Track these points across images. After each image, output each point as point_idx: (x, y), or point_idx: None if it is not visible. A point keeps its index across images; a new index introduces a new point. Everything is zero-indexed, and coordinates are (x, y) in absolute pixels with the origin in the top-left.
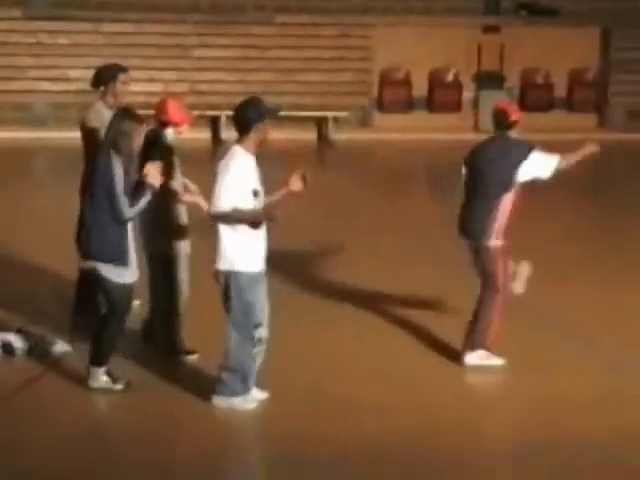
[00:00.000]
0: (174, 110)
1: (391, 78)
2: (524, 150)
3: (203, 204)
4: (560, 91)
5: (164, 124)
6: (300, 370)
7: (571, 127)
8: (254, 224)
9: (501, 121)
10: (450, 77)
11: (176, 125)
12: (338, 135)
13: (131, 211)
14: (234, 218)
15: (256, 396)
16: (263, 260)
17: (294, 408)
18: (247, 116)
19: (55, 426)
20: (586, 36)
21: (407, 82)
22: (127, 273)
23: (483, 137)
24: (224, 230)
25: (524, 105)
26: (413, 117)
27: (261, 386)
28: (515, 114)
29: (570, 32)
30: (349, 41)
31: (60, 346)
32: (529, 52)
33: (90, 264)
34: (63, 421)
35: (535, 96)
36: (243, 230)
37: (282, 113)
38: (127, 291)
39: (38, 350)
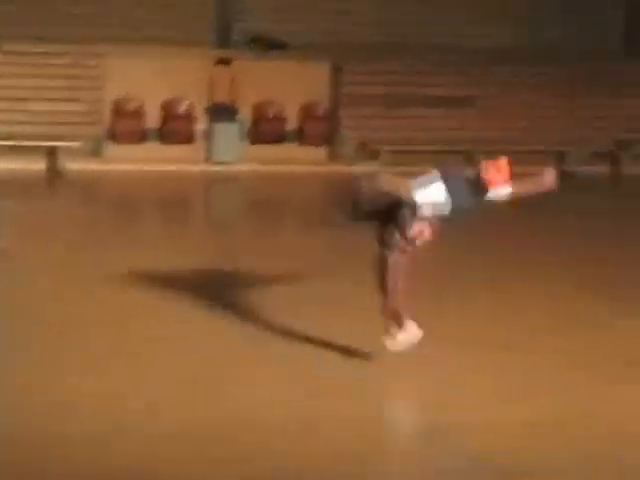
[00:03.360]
0: None
1: (124, 109)
2: None
3: None
4: (292, 124)
5: None
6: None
7: (302, 159)
8: None
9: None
10: (183, 109)
11: None
12: (69, 165)
13: None
14: None
15: None
16: None
17: None
18: None
19: None
20: (317, 70)
21: (140, 113)
22: None
23: (216, 169)
24: None
25: (256, 138)
26: (145, 148)
27: None
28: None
29: (301, 66)
30: (81, 70)
31: None
32: (261, 85)
33: None
34: None
35: (267, 129)
36: None
37: (11, 142)
38: None
39: None
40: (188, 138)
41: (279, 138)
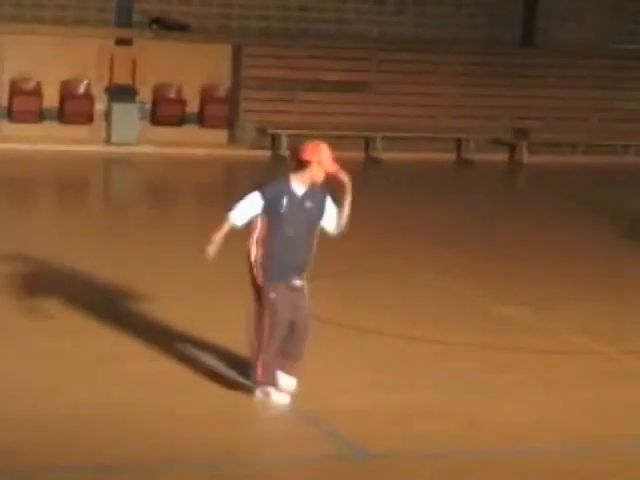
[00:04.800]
0: None
1: (21, 88)
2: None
3: None
4: (192, 106)
5: None
6: None
7: (202, 142)
8: None
9: (293, 157)
10: (82, 89)
11: None
12: None
13: None
14: None
15: None
16: None
17: None
18: None
19: None
20: (217, 53)
21: (38, 92)
22: None
23: (113, 150)
24: None
25: (156, 120)
26: (43, 128)
27: None
28: (307, 154)
29: (202, 48)
30: None
31: None
32: (161, 66)
33: None
34: None
35: (167, 111)
36: None
37: None
38: None
39: None
40: (87, 119)
41: (179, 120)
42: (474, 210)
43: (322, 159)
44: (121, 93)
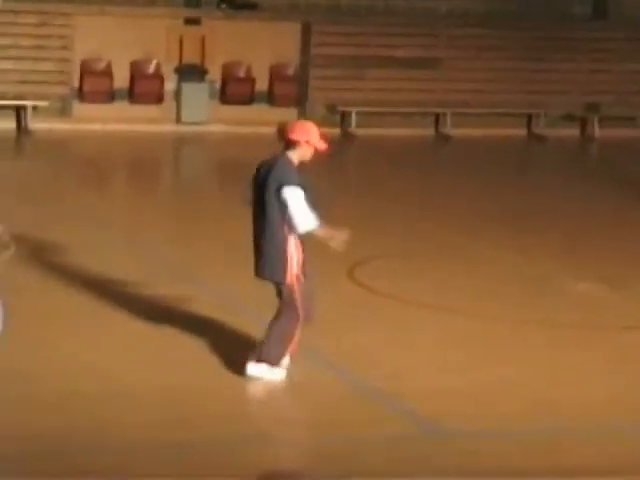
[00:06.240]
0: None
1: (92, 68)
2: (278, 180)
3: None
4: (261, 85)
5: None
6: None
7: (272, 121)
8: None
9: (280, 137)
10: (151, 69)
11: None
12: (37, 124)
13: None
14: None
15: None
16: None
17: None
18: None
19: None
20: (287, 31)
21: (108, 72)
22: None
23: (183, 129)
24: None
25: (225, 99)
26: (114, 108)
27: None
28: (295, 133)
29: (271, 27)
30: (49, 30)
31: None
32: (230, 46)
33: None
34: None
35: (236, 90)
36: None
37: None
38: None
39: None
40: (157, 98)
41: (248, 99)
42: (545, 188)
43: (311, 138)
44: (190, 72)
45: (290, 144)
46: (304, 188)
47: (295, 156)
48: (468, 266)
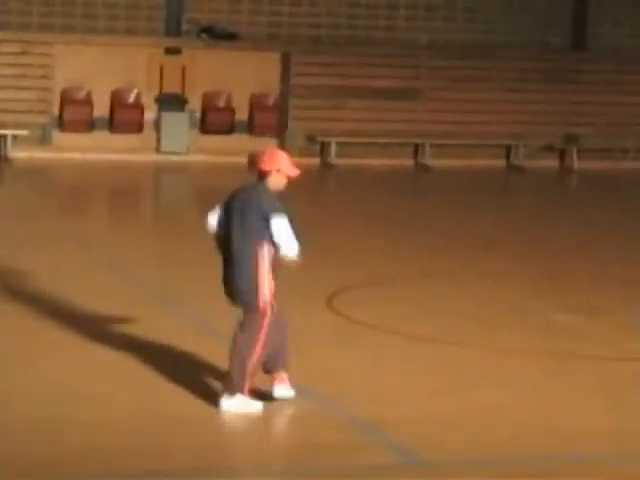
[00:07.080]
0: None
1: (72, 97)
2: (262, 208)
3: None
4: (241, 115)
5: None
6: None
7: (252, 150)
8: None
9: (251, 168)
10: (132, 98)
11: None
12: (17, 153)
13: None
14: None
15: None
16: None
17: None
18: None
19: None
20: (267, 61)
21: (88, 101)
22: None
23: (163, 158)
24: None
25: (205, 128)
26: (94, 137)
27: None
28: (265, 164)
29: (251, 56)
30: (29, 58)
31: None
32: (211, 75)
33: None
34: None
35: (216, 119)
36: None
37: None
38: None
39: None
40: (137, 127)
41: (229, 129)
42: (524, 216)
43: (281, 166)
44: (171, 102)
45: (262, 174)
46: (288, 216)
47: (270, 185)
48: (451, 291)
